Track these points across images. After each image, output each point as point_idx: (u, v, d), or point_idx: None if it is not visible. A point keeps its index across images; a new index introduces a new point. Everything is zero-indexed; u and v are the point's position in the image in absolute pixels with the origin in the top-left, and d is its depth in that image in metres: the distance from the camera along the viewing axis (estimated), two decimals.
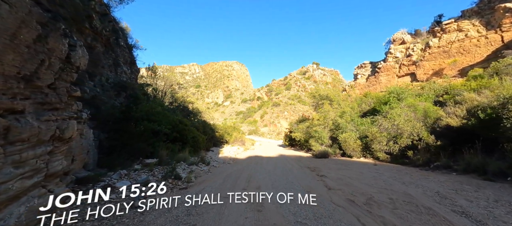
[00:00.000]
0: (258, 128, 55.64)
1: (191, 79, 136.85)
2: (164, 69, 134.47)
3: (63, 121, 4.15)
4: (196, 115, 23.38)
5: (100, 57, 11.07)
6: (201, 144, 13.80)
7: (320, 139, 13.48)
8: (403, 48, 18.03)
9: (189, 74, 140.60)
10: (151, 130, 9.63)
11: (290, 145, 23.66)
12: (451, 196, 4.24)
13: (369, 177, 6.38)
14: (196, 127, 17.77)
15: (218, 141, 21.82)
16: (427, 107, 9.56)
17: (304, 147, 17.91)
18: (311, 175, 7.16)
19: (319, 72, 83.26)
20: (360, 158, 10.57)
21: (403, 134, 8.24)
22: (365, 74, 21.45)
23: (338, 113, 13.55)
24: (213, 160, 11.74)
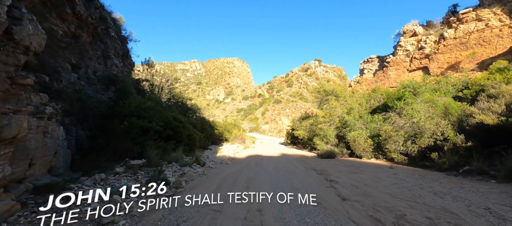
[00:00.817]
0: (259, 125, 54.78)
1: (192, 76, 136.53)
2: (165, 65, 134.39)
3: (2, 116, 3.22)
4: (195, 112, 22.54)
5: (86, 47, 10.10)
6: (197, 142, 12.87)
7: (326, 137, 12.49)
8: (414, 41, 16.87)
9: (190, 71, 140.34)
10: (141, 127, 8.70)
11: (292, 143, 22.70)
12: (511, 216, 3.24)
13: (389, 184, 5.39)
14: (194, 124, 16.85)
15: (217, 138, 20.91)
16: (447, 103, 8.53)
17: (307, 145, 16.95)
18: (319, 180, 6.19)
19: (321, 69, 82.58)
20: (371, 159, 9.58)
21: (424, 133, 7.22)
22: (372, 69, 20.32)
23: (345, 109, 12.54)
24: (209, 160, 10.83)
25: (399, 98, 10.02)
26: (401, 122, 8.57)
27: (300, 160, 11.13)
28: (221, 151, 14.36)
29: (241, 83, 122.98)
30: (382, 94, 13.57)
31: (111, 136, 7.13)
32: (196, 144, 12.64)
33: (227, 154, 13.39)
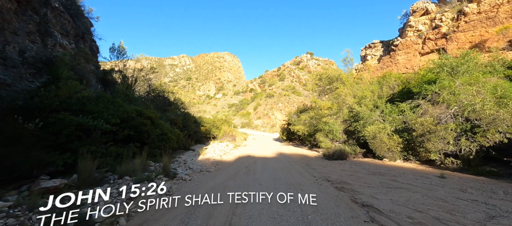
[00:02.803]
0: (251, 121, 52.42)
1: (182, 71, 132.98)
2: (153, 61, 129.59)
3: None
4: (178, 107, 19.79)
5: (5, 16, 7.27)
6: (173, 143, 10.26)
7: (332, 133, 10.21)
8: (426, 20, 14.76)
9: (179, 66, 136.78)
10: (78, 126, 6.04)
11: (288, 139, 20.39)
12: None
13: (470, 212, 3.11)
14: (173, 120, 14.16)
15: (204, 136, 18.29)
16: (499, 84, 6.39)
17: (306, 142, 14.67)
18: (345, 204, 3.80)
19: (313, 62, 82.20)
20: (397, 161, 7.37)
21: (490, 125, 5.02)
22: (376, 55, 18.18)
23: (354, 98, 10.25)
24: (186, 167, 8.30)
25: (429, 81, 7.81)
26: (439, 112, 6.33)
27: (302, 162, 8.78)
28: (205, 152, 11.82)
29: (232, 78, 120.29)
30: (396, 80, 11.38)
31: (11, 142, 4.45)
32: (171, 145, 10.03)
33: (212, 156, 10.87)
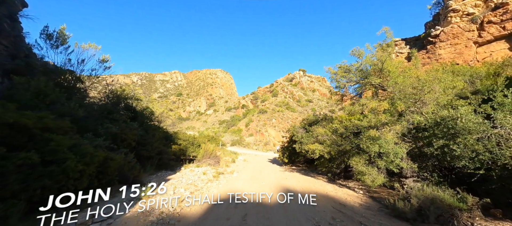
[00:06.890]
0: (243, 138, 47.14)
1: (172, 87, 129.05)
2: (143, 76, 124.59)
3: None
4: (147, 118, 14.58)
5: None
6: (68, 180, 5.14)
7: (387, 157, 5.54)
8: (478, 1, 11.06)
9: (171, 82, 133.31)
10: None
11: (290, 161, 15.44)
12: None
13: None
14: (116, 134, 9.04)
15: (174, 158, 13.06)
16: None
17: (323, 169, 9.75)
18: None
19: (306, 79, 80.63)
20: None
21: None
22: (403, 53, 14.31)
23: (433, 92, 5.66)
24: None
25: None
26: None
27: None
28: (162, 190, 6.61)
29: (224, 94, 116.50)
30: (472, 75, 7.11)
31: None
32: (77, 185, 4.90)
33: (161, 204, 5.56)
